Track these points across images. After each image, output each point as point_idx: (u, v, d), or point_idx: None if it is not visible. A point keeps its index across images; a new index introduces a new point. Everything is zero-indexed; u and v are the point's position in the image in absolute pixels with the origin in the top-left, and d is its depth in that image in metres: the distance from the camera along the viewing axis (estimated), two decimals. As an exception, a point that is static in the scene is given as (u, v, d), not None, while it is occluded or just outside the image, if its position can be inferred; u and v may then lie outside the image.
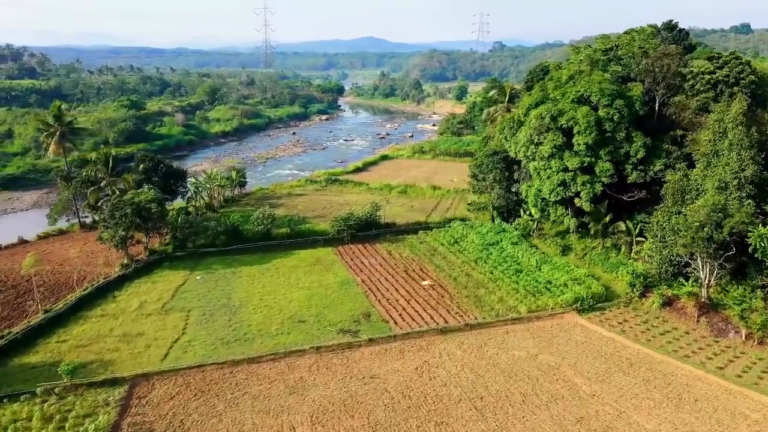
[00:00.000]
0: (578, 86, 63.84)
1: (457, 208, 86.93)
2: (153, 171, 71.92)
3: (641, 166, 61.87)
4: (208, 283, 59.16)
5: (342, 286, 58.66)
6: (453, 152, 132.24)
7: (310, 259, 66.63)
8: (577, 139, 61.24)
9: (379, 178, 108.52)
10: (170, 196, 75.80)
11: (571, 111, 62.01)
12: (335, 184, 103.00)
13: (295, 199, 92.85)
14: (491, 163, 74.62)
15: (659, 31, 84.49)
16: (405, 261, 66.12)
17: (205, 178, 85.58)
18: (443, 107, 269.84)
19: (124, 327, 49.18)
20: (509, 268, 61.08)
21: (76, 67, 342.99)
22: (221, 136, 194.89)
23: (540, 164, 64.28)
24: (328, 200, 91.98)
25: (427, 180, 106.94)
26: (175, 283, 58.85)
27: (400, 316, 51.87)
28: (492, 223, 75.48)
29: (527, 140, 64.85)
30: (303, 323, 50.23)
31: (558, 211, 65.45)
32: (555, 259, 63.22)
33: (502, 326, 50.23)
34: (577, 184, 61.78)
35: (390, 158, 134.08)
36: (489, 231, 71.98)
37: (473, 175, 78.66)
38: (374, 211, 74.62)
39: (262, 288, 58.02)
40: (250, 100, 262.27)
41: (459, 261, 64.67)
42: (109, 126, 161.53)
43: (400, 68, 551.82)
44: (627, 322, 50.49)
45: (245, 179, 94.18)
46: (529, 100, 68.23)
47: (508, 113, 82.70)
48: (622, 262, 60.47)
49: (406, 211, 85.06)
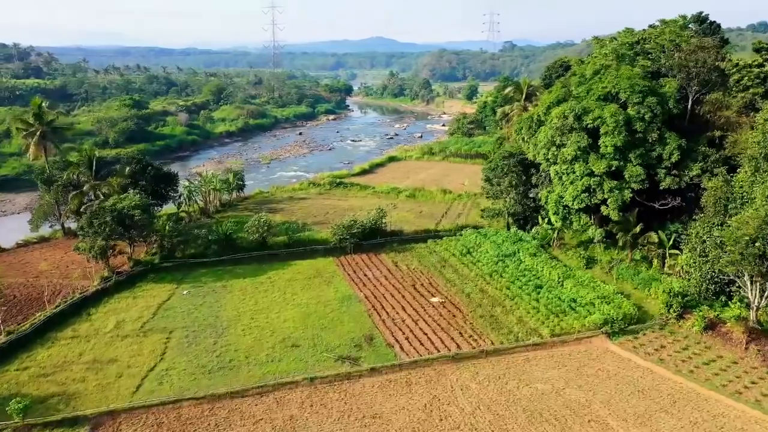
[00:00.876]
0: (605, 82, 57.82)
1: (469, 214, 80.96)
2: (140, 174, 66.57)
3: (675, 171, 55.78)
4: (195, 299, 53.62)
5: (342, 302, 52.94)
6: (464, 153, 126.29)
7: (309, 270, 60.97)
8: (604, 141, 55.21)
9: (386, 181, 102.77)
10: (160, 201, 70.51)
11: (597, 109, 55.98)
12: (339, 188, 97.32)
13: (296, 204, 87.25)
14: (507, 166, 68.63)
15: (686, 25, 78.24)
16: (412, 273, 60.32)
17: (200, 181, 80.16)
18: (453, 107, 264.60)
19: (95, 351, 43.69)
20: (528, 283, 55.09)
21: (82, 66, 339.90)
22: (226, 136, 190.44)
23: (562, 168, 58.28)
24: (332, 205, 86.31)
25: (436, 183, 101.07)
26: (159, 299, 53.35)
27: (407, 339, 46.04)
28: (507, 232, 69.46)
29: (548, 141, 58.89)
30: (297, 348, 44.51)
31: (582, 219, 59.37)
32: (578, 273, 57.14)
33: (523, 353, 44.27)
34: (604, 191, 55.74)
35: (398, 159, 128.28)
36: (504, 240, 66.01)
37: (487, 178, 72.73)
38: (379, 217, 68.89)
39: (254, 305, 52.39)
40: (257, 100, 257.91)
41: (472, 274, 58.77)
42: (109, 126, 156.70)
43: (409, 68, 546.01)
44: (664, 349, 44.35)
45: (243, 182, 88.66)
46: (549, 97, 62.27)
47: (524, 112, 76.73)
48: (655, 278, 54.31)
49: (414, 217, 79.24)
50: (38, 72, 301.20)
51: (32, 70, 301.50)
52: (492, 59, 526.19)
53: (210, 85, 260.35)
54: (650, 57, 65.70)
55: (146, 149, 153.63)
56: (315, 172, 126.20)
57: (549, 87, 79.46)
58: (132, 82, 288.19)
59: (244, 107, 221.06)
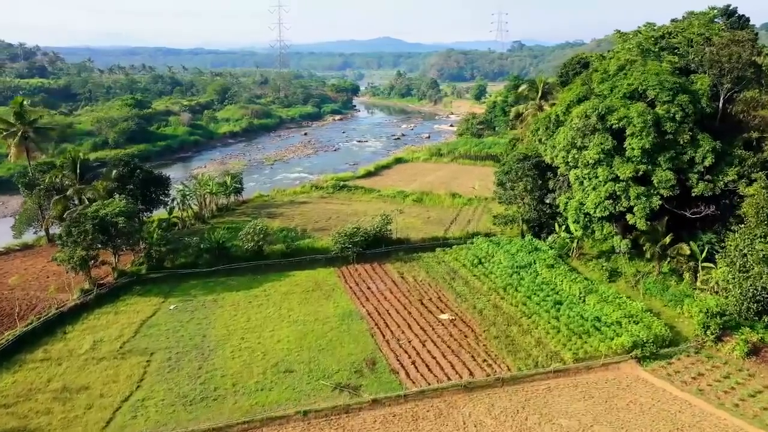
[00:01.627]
0: (631, 78, 52.86)
1: (479, 220, 76.15)
2: (128, 177, 62.16)
3: (708, 176, 50.74)
4: (183, 315, 49.11)
5: (343, 319, 48.27)
6: (473, 155, 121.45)
7: (308, 282, 56.36)
8: (630, 143, 50.26)
9: (392, 184, 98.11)
10: (150, 206, 66.09)
11: (622, 108, 51.04)
12: (343, 191, 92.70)
13: (297, 208, 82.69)
14: (521, 169, 63.79)
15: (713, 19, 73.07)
16: (420, 286, 55.58)
17: (195, 184, 75.72)
18: (461, 107, 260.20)
19: (66, 377, 39.25)
20: (546, 298, 50.24)
21: (87, 65, 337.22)
22: (229, 136, 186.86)
23: (583, 172, 53.38)
24: (335, 210, 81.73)
25: (445, 186, 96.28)
26: (143, 314, 48.88)
27: (413, 363, 41.32)
28: (522, 240, 64.62)
29: (568, 143, 53.99)
30: (290, 373, 39.85)
31: (604, 228, 54.38)
32: (601, 287, 52.22)
33: (543, 381, 39.48)
34: (630, 198, 50.76)
35: (405, 161, 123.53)
36: (519, 250, 61.17)
37: (500, 182, 67.88)
38: (384, 224, 64.20)
39: (246, 322, 47.81)
40: (262, 100, 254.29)
41: (484, 287, 53.99)
42: (109, 126, 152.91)
43: (416, 68, 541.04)
44: (703, 377, 39.45)
45: (242, 185, 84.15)
46: (569, 95, 57.37)
47: (540, 112, 71.85)
48: (687, 294, 49.37)
49: (421, 224, 74.53)
50: (43, 71, 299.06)
51: (36, 69, 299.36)
52: (500, 59, 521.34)
53: (214, 84, 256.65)
54: (677, 52, 60.74)
55: (147, 150, 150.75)
56: (319, 173, 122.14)
57: (565, 85, 74.61)
58: (136, 81, 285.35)
59: (249, 107, 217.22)
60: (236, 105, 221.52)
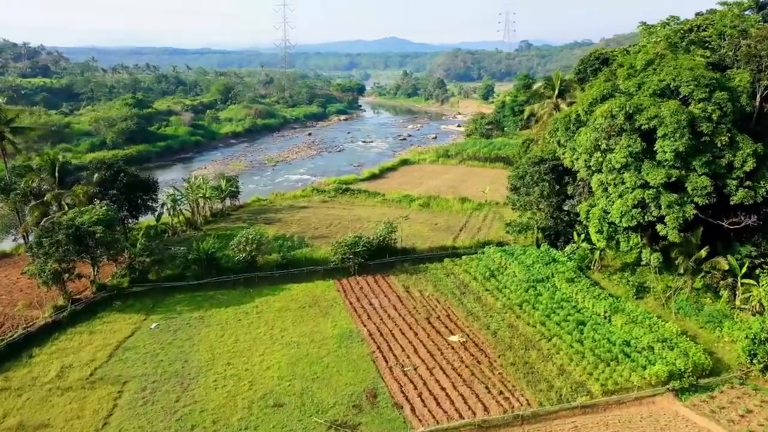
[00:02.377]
0: (662, 74, 47.70)
1: (491, 227, 71.15)
2: (111, 182, 57.57)
3: (749, 182, 45.55)
4: (164, 335, 44.38)
5: (342, 341, 43.41)
6: (482, 156, 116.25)
7: (305, 297, 51.54)
8: (661, 145, 45.12)
9: (397, 187, 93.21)
10: (135, 212, 61.40)
11: (653, 107, 45.87)
12: (345, 195, 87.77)
13: (296, 213, 77.87)
14: (537, 173, 58.77)
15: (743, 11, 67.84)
16: (427, 302, 50.66)
17: (186, 188, 70.99)
18: (468, 107, 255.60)
19: (24, 411, 34.53)
20: (568, 318, 45.22)
21: (90, 65, 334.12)
22: (231, 136, 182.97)
23: (609, 177, 48.25)
24: (336, 215, 76.86)
25: (453, 190, 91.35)
26: (121, 335, 44.18)
27: (420, 396, 36.38)
28: (537, 250, 59.63)
29: (591, 145, 48.90)
30: (280, 408, 34.98)
31: (631, 240, 49.22)
32: (628, 305, 47.14)
33: (569, 417, 34.50)
34: (661, 206, 45.63)
35: (411, 163, 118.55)
36: (535, 261, 56.17)
37: (513, 187, 62.83)
38: (388, 232, 59.31)
39: (234, 344, 43.02)
40: (266, 100, 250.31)
41: (498, 304, 49.01)
42: (107, 126, 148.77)
43: (423, 68, 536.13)
44: (753, 415, 34.32)
45: (237, 188, 79.36)
46: (592, 93, 52.22)
47: (556, 111, 66.80)
48: (725, 314, 44.23)
49: (428, 231, 69.59)
50: (46, 71, 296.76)
51: (39, 68, 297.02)
52: (508, 59, 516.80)
53: (218, 83, 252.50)
54: (708, 46, 55.58)
55: (146, 150, 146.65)
56: (322, 175, 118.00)
57: (583, 82, 69.53)
58: (140, 81, 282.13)
59: (252, 107, 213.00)
60: (239, 105, 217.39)
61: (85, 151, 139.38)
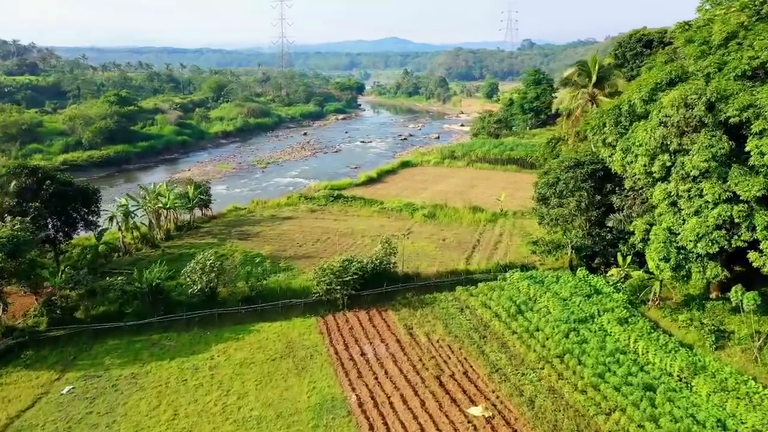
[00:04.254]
0: (754, 49, 35.70)
1: (510, 244, 59.03)
2: (33, 191, 45.62)
3: None
4: (77, 405, 32.31)
5: (320, 418, 31.25)
6: (492, 158, 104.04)
7: (276, 344, 39.43)
8: (757, 144, 33.09)
9: (397, 194, 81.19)
10: (71, 229, 49.30)
11: (743, 93, 33.91)
12: (337, 203, 75.54)
13: (278, 226, 65.79)
14: (574, 180, 46.79)
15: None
16: (436, 351, 38.58)
17: (144, 197, 58.85)
18: (471, 106, 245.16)
19: None
20: (630, 378, 33.15)
21: (80, 63, 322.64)
22: (222, 136, 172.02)
23: (680, 187, 36.16)
24: (325, 228, 64.78)
25: (461, 196, 79.28)
26: (17, 405, 32.09)
27: None
28: (572, 276, 47.58)
29: (655, 145, 36.81)
30: None
31: (709, 270, 37.09)
32: (708, 359, 35.07)
33: None
34: (757, 227, 33.62)
35: (413, 165, 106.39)
36: (573, 292, 44.05)
37: (541, 197, 50.76)
38: (386, 254, 47.27)
39: (170, 422, 30.83)
40: (261, 98, 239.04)
41: (532, 355, 36.94)
42: (84, 124, 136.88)
43: (424, 68, 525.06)
44: None
45: (209, 196, 67.10)
46: (652, 77, 40.11)
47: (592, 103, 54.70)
48: None
49: (435, 249, 57.52)
50: (34, 68, 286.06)
51: (27, 66, 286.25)
52: (510, 58, 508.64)
53: (209, 81, 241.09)
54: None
55: (125, 151, 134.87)
56: (315, 178, 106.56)
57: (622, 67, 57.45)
58: (130, 78, 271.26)
59: (245, 105, 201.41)
60: (232, 103, 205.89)
61: (58, 152, 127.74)
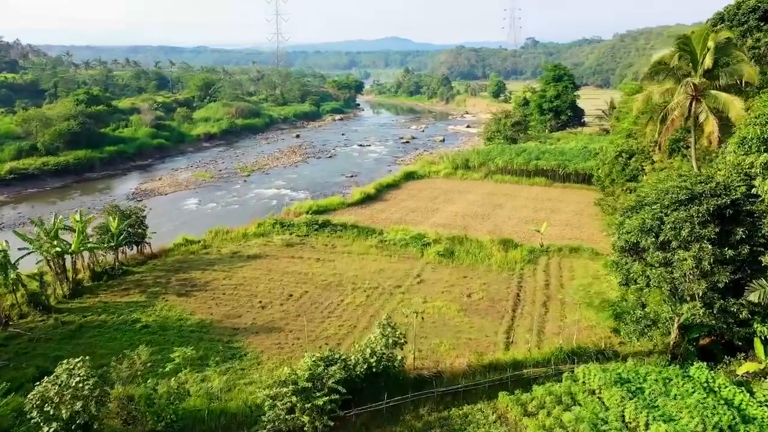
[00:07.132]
0: None
1: (564, 303, 40.98)
2: None
3: None
4: None
5: None
6: (516, 169, 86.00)
7: None
8: None
9: (401, 218, 63.32)
10: None
11: None
12: (324, 233, 57.11)
13: (238, 271, 47.53)
14: (689, 222, 28.94)
15: None
16: None
17: (37, 233, 40.78)
18: (476, 106, 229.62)
19: None
20: None
21: (63, 60, 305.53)
22: (205, 139, 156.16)
23: None
24: (303, 274, 46.59)
25: (484, 221, 61.57)
26: None
27: None
28: (683, 375, 29.67)
29: None
30: None
31: None
32: None
33: None
34: None
35: (419, 177, 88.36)
36: (694, 413, 26.12)
37: (631, 247, 32.67)
38: (387, 345, 29.15)
39: None
40: (253, 97, 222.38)
41: None
42: (41, 126, 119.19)
43: (425, 67, 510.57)
44: None
45: (144, 228, 48.94)
46: None
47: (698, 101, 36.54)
48: None
49: (458, 312, 39.40)
50: (14, 66, 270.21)
51: (6, 64, 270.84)
52: (513, 56, 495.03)
53: (196, 79, 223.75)
54: None
55: (88, 157, 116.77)
56: (304, 189, 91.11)
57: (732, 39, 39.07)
58: (114, 76, 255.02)
59: (233, 105, 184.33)
60: (219, 102, 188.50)
61: (8, 158, 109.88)
